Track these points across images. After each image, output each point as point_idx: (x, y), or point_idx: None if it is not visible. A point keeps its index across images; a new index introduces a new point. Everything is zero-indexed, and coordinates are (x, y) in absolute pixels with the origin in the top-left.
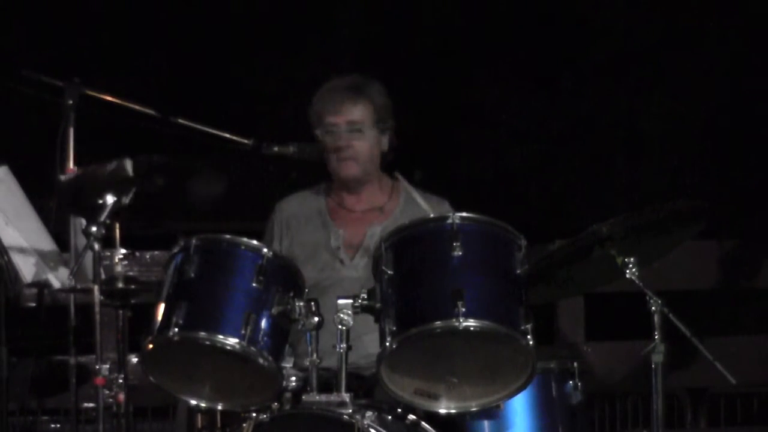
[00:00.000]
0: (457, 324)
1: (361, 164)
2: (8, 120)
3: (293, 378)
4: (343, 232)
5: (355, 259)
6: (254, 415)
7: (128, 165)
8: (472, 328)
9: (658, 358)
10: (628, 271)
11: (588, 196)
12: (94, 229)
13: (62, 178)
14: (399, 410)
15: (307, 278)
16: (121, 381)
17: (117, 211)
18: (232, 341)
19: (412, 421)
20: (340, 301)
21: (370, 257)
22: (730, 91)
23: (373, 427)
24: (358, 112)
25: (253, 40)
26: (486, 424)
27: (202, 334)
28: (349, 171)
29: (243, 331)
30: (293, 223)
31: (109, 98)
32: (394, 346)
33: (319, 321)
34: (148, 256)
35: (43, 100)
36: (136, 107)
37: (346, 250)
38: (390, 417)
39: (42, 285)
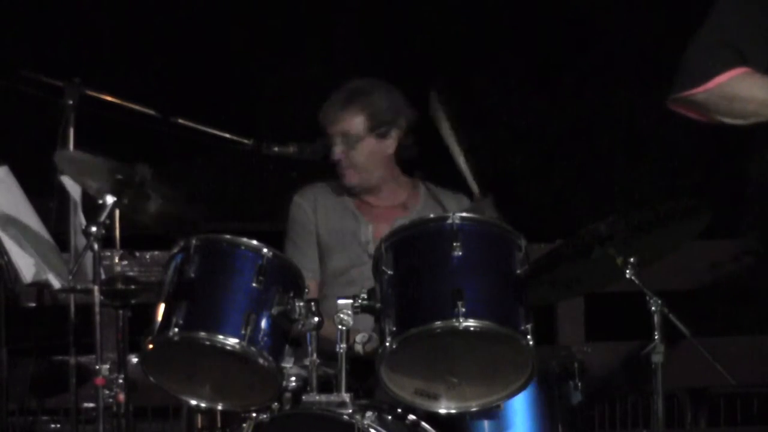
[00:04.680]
0: (457, 324)
1: (361, 172)
2: (8, 120)
3: (293, 378)
4: (372, 226)
5: None
6: (254, 415)
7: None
8: (472, 328)
9: (658, 358)
10: (628, 271)
11: (588, 196)
12: (94, 229)
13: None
14: (399, 410)
15: (336, 266)
16: (121, 381)
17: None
18: (232, 341)
19: (412, 421)
20: (340, 302)
21: None
22: None
23: (373, 427)
24: (349, 123)
25: (253, 40)
26: (486, 424)
27: (202, 334)
28: (349, 180)
29: (243, 331)
30: (321, 209)
31: (109, 98)
32: (394, 347)
33: (319, 321)
34: (148, 256)
35: (43, 100)
36: (136, 107)
37: (373, 244)
38: (390, 417)
39: (42, 285)
